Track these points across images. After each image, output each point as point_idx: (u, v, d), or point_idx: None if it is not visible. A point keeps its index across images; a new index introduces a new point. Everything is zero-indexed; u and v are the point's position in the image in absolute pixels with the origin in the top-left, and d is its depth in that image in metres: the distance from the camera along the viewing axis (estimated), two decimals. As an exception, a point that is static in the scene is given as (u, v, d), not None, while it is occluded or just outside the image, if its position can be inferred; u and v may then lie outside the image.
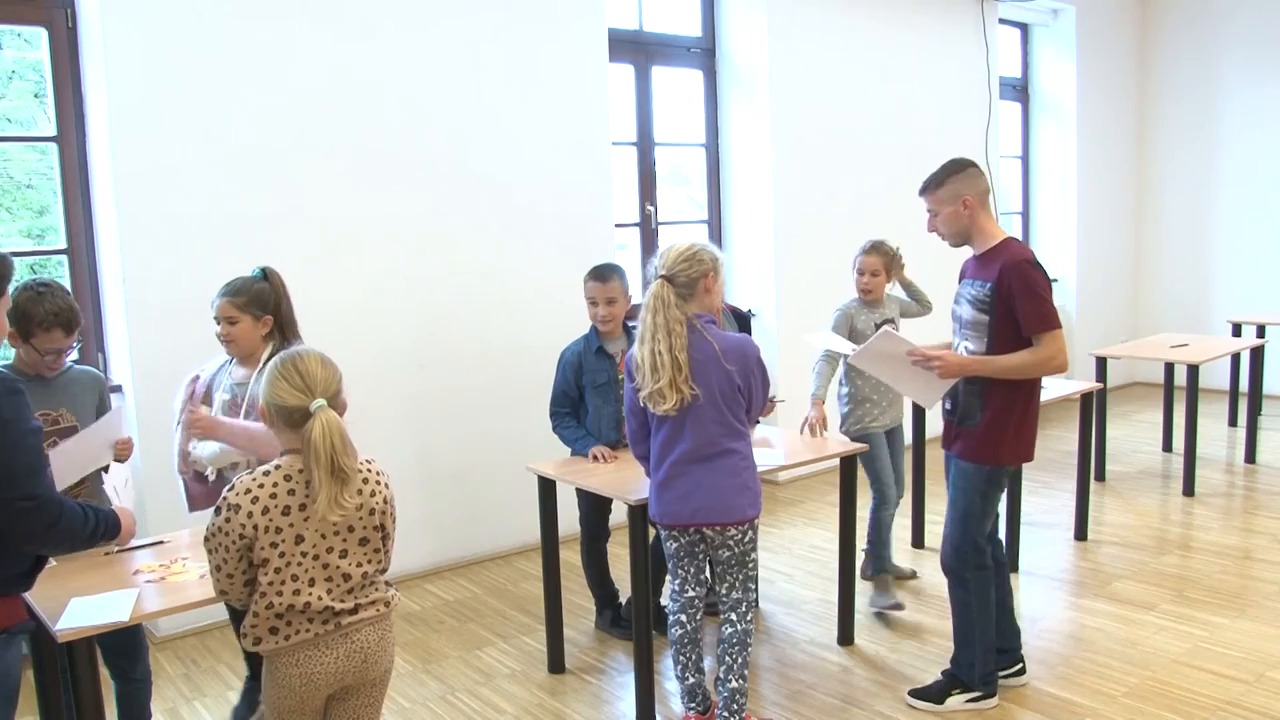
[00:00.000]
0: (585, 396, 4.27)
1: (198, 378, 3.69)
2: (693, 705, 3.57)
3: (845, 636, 4.31)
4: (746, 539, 3.41)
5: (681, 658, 3.53)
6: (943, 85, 7.67)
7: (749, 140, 6.69)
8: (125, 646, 3.35)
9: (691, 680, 3.54)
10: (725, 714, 3.44)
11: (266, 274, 3.51)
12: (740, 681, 3.43)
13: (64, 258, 4.62)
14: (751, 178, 6.70)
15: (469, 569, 5.40)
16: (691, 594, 3.52)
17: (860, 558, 4.69)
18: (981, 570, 3.64)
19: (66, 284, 4.56)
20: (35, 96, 4.73)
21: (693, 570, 3.50)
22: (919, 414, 5.21)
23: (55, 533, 2.35)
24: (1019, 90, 8.97)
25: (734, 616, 3.46)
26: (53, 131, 4.55)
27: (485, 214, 5.41)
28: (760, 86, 6.59)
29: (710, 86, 6.77)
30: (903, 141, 7.34)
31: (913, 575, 4.93)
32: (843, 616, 4.33)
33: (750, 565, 3.46)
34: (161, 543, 3.28)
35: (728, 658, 3.44)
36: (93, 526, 2.48)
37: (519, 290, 5.54)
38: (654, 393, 3.23)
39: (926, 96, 7.54)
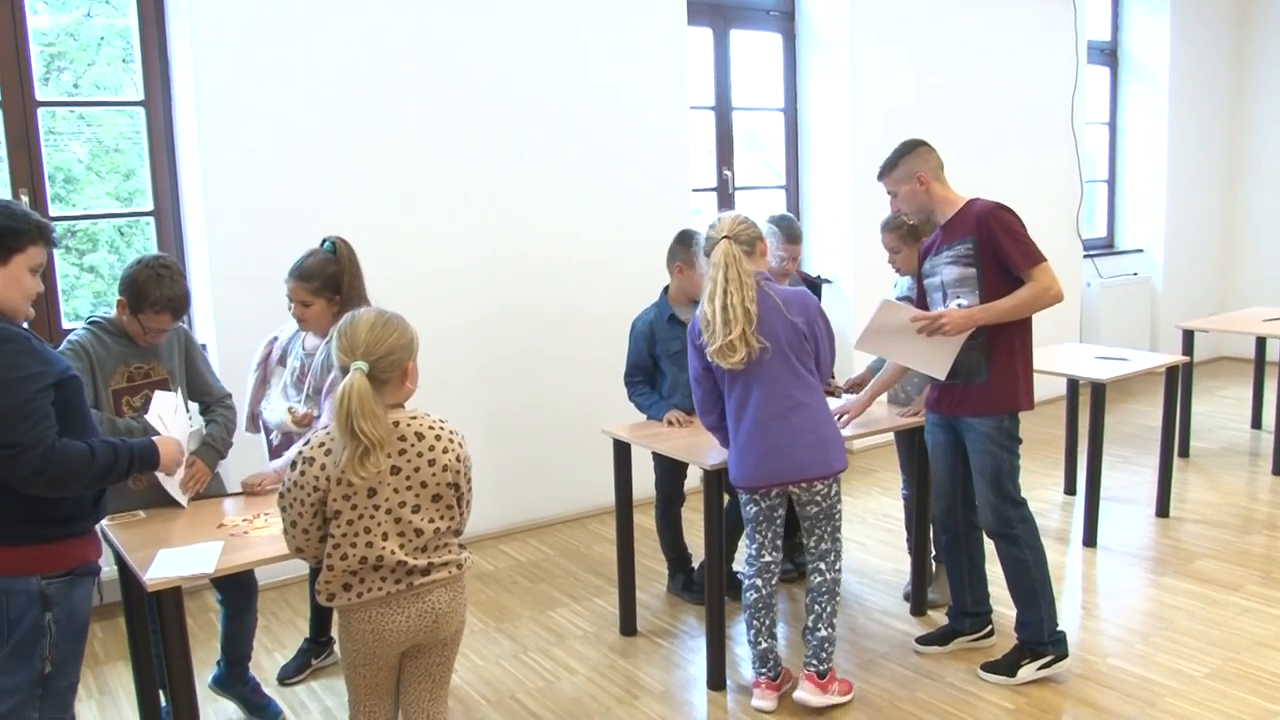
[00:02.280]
0: (660, 365, 4.27)
1: (276, 339, 3.76)
2: (764, 671, 3.57)
3: (918, 607, 4.28)
4: (833, 492, 3.49)
5: (755, 622, 3.55)
6: (1028, 49, 7.47)
7: (828, 105, 6.60)
8: (241, 586, 3.49)
9: (764, 645, 3.56)
10: (814, 662, 3.51)
11: (335, 248, 3.53)
12: (829, 630, 3.51)
13: (151, 220, 4.72)
14: (830, 143, 6.61)
15: (542, 531, 5.45)
16: (768, 559, 3.54)
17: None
18: (1026, 522, 3.64)
19: (153, 245, 4.69)
20: (123, 62, 4.83)
21: (770, 535, 3.53)
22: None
23: (47, 478, 2.40)
24: (1108, 54, 8.71)
25: (823, 566, 3.54)
26: (140, 96, 4.64)
27: (563, 178, 5.41)
28: (840, 50, 6.48)
29: (789, 50, 6.67)
30: (986, 107, 7.19)
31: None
32: (916, 587, 4.29)
33: (837, 516, 3.54)
34: (244, 493, 3.37)
35: (817, 606, 3.52)
36: (104, 463, 2.51)
37: (596, 254, 5.54)
38: (724, 346, 3.28)
39: (1011, 61, 7.36)
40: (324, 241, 3.57)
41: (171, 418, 3.14)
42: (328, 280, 3.49)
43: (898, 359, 3.76)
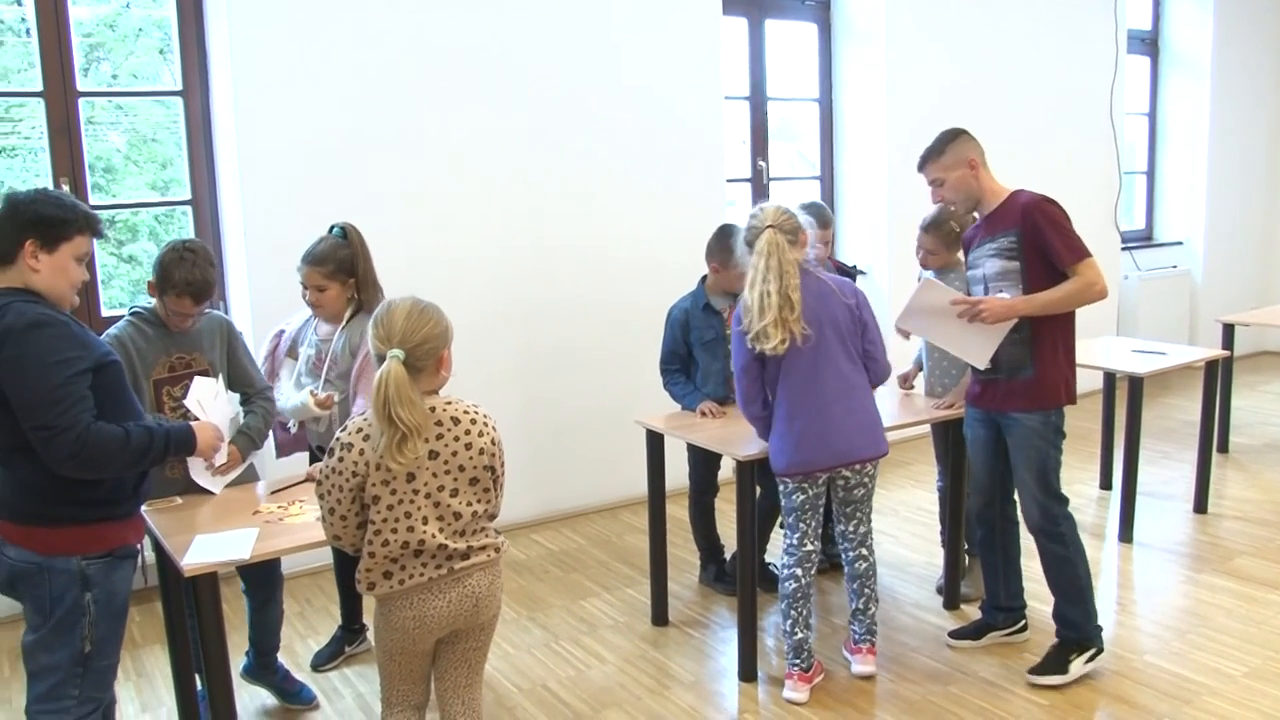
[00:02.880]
0: (694, 353, 4.26)
1: (282, 332, 3.79)
2: (798, 662, 3.58)
3: (951, 601, 4.25)
4: (875, 473, 3.61)
5: (794, 612, 3.56)
6: (1067, 38, 7.38)
7: (863, 95, 6.55)
8: (265, 577, 3.52)
9: (800, 636, 3.57)
10: (869, 636, 3.72)
11: (346, 233, 3.56)
12: (877, 605, 3.70)
13: (188, 208, 4.76)
14: (865, 134, 6.57)
15: (574, 520, 5.47)
16: (809, 548, 3.58)
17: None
18: (1069, 519, 3.60)
19: (190, 234, 4.73)
20: (160, 53, 4.87)
21: (814, 524, 3.58)
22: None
23: (80, 461, 2.43)
24: (1148, 44, 8.59)
25: (864, 551, 3.66)
26: (178, 86, 4.67)
27: (597, 169, 5.41)
28: (876, 40, 6.43)
29: (824, 40, 6.63)
30: (1024, 97, 7.11)
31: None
32: (949, 581, 4.27)
33: (872, 497, 3.66)
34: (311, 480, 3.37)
35: (866, 589, 3.65)
36: (139, 447, 2.54)
37: (630, 245, 5.54)
38: (760, 331, 3.33)
39: (1049, 50, 7.28)
40: (333, 228, 3.60)
41: (211, 403, 3.15)
42: (341, 264, 3.52)
43: (938, 342, 3.72)
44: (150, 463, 2.63)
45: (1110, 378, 5.61)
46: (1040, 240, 3.40)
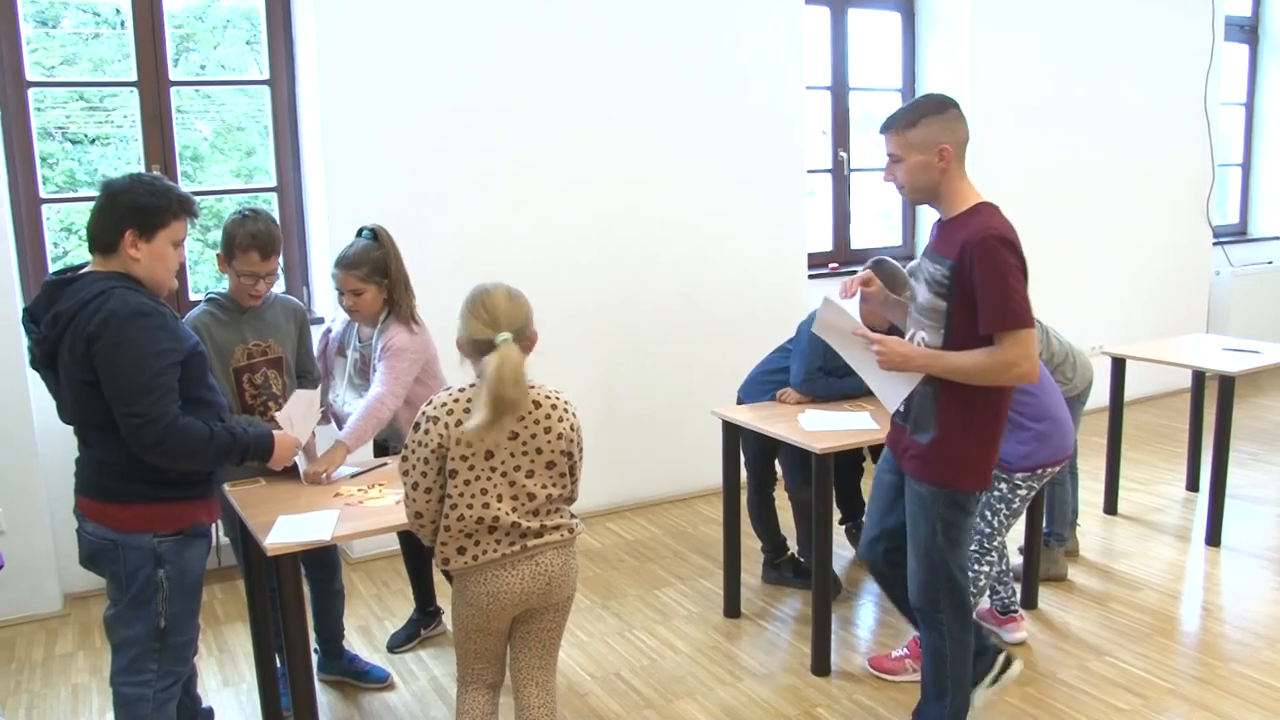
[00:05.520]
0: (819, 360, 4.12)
1: (329, 331, 3.83)
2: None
3: (1028, 600, 4.17)
4: None
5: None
6: (1160, 24, 7.16)
7: (947, 85, 6.41)
8: (323, 561, 3.60)
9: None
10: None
11: (377, 235, 3.58)
12: None
13: (273, 195, 4.85)
14: (948, 125, 6.46)
15: (650, 510, 5.48)
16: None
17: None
18: (960, 610, 2.94)
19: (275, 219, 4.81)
20: (247, 44, 4.97)
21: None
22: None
23: (165, 451, 2.52)
24: (1247, 31, 8.30)
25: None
26: (265, 75, 4.76)
27: (678, 159, 5.40)
28: (961, 29, 6.32)
29: (908, 29, 6.53)
30: (1113, 86, 6.92)
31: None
32: (1026, 579, 4.19)
33: None
34: (384, 465, 3.44)
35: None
36: (221, 447, 2.63)
37: (710, 235, 5.51)
38: None
39: (1141, 37, 7.07)
40: (361, 230, 3.62)
41: (300, 418, 3.19)
42: (375, 265, 3.53)
43: (855, 367, 2.99)
44: (230, 463, 2.74)
45: (1199, 376, 5.46)
46: (972, 287, 2.68)
